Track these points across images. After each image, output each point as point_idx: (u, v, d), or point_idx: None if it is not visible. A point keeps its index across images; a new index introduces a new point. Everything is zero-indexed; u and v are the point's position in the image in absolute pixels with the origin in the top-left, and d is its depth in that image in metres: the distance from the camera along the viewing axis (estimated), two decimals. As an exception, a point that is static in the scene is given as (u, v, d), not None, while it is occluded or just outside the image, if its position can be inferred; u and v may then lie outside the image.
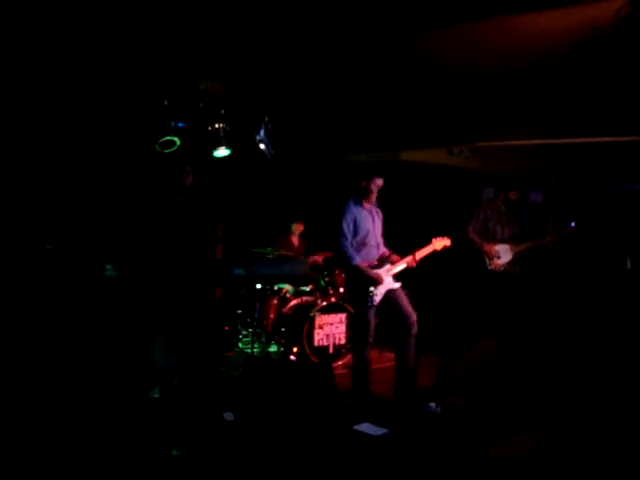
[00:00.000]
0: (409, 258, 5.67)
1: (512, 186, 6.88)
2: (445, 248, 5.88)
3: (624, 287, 7.18)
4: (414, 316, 5.64)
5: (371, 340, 5.68)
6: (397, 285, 5.73)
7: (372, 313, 5.62)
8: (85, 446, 4.10)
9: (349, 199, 5.77)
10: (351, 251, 5.61)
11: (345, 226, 5.62)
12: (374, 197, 5.76)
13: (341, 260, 5.82)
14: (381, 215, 5.96)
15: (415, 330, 5.61)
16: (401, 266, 5.75)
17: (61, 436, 4.20)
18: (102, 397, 4.84)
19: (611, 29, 4.05)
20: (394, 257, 5.79)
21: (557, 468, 4.22)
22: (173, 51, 5.40)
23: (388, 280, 5.67)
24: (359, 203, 5.76)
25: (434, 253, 5.84)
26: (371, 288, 5.50)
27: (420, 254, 5.73)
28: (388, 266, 5.72)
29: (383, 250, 5.90)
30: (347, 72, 5.95)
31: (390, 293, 5.68)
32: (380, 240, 5.89)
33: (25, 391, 4.77)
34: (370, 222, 5.77)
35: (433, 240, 5.86)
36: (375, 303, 5.56)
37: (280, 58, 5.58)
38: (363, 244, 5.71)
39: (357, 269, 5.58)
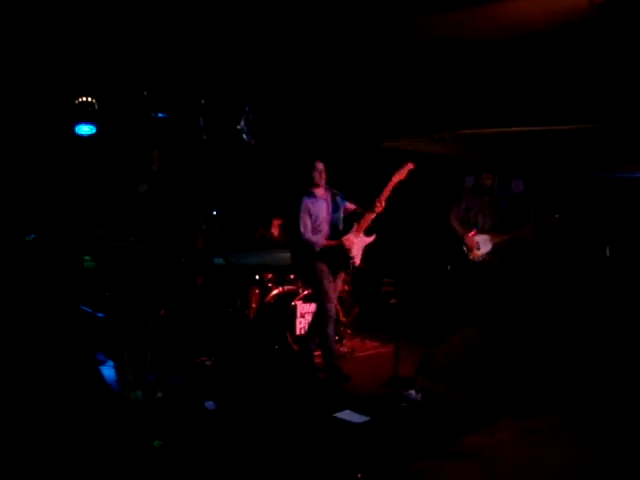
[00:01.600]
0: (374, 207, 5.81)
1: (485, 170, 6.90)
2: (410, 171, 5.89)
3: (603, 274, 7.24)
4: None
5: (332, 315, 5.85)
6: (371, 238, 5.95)
7: (331, 289, 5.85)
8: (66, 437, 4.09)
9: (302, 197, 5.92)
10: (311, 238, 5.84)
11: (302, 222, 5.85)
12: (321, 181, 5.94)
13: (306, 251, 5.91)
14: (331, 195, 6.04)
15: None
16: (369, 219, 5.88)
17: (40, 426, 4.19)
18: (81, 387, 4.83)
19: (586, 17, 4.06)
20: (358, 211, 5.98)
21: (537, 455, 4.28)
22: (153, 41, 5.36)
23: (359, 240, 5.88)
24: (311, 195, 5.95)
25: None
26: (349, 254, 5.79)
27: (383, 196, 5.82)
28: (355, 226, 5.89)
29: (349, 207, 6.07)
30: (327, 63, 5.94)
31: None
32: (330, 221, 6.02)
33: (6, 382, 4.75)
34: (323, 210, 5.95)
35: (394, 176, 5.85)
36: (357, 264, 5.88)
37: (259, 47, 5.56)
38: (316, 232, 5.91)
39: (325, 248, 5.82)
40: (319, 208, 5.93)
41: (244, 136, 6.63)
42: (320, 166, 5.93)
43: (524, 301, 7.05)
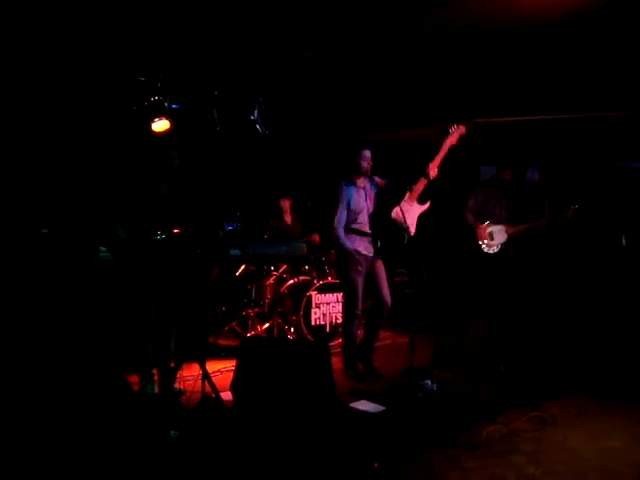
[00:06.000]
0: (427, 174, 5.57)
1: (506, 165, 6.82)
2: (462, 136, 5.64)
3: (619, 264, 7.19)
4: (389, 299, 5.79)
5: (359, 313, 5.78)
6: (426, 205, 5.76)
7: (361, 288, 5.71)
8: (81, 428, 4.13)
9: (341, 182, 5.74)
10: (343, 238, 5.67)
11: (339, 213, 5.67)
12: (367, 171, 5.70)
13: (334, 243, 5.85)
14: (376, 185, 5.79)
15: (387, 311, 5.83)
16: (422, 186, 5.62)
17: (52, 419, 4.23)
18: (96, 379, 4.86)
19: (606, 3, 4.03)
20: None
21: (553, 443, 4.28)
22: (168, 32, 5.37)
23: (413, 208, 5.69)
24: (351, 183, 5.73)
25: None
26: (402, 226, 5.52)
27: (436, 162, 5.58)
28: (407, 194, 5.69)
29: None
30: (342, 52, 5.92)
31: (374, 271, 5.78)
32: (369, 211, 5.80)
33: (22, 373, 4.79)
34: (363, 200, 5.73)
35: (445, 141, 5.60)
36: (412, 234, 5.60)
37: (275, 38, 5.55)
38: (355, 223, 5.72)
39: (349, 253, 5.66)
40: (359, 199, 5.70)
41: (258, 127, 6.62)
42: (367, 154, 5.66)
43: (539, 291, 7.04)
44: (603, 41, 4.99)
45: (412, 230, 5.60)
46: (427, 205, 5.74)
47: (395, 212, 5.60)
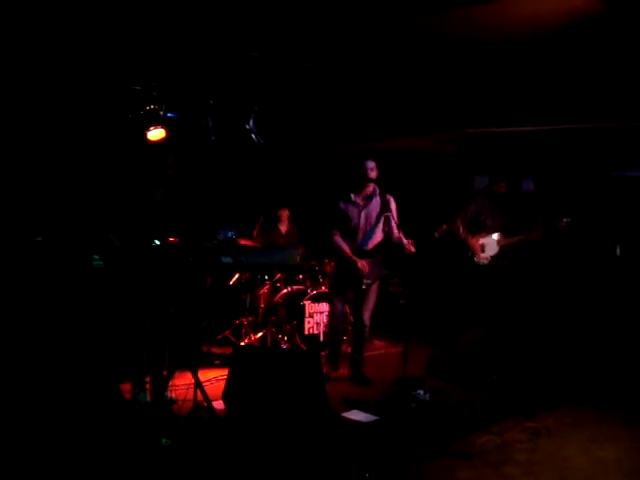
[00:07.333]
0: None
1: (501, 178, 6.80)
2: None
3: (614, 274, 7.20)
4: (367, 321, 5.95)
5: (337, 314, 6.02)
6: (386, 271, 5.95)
7: (341, 298, 5.97)
8: (73, 436, 4.10)
9: (339, 200, 5.92)
10: (339, 241, 5.86)
11: (334, 227, 5.90)
12: (369, 184, 5.82)
13: (334, 251, 6.03)
14: (379, 201, 5.87)
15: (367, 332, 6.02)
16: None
17: (48, 427, 4.20)
18: (89, 388, 4.83)
19: (597, 14, 4.04)
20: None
21: (547, 454, 4.26)
22: (163, 41, 5.37)
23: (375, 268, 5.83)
24: (348, 200, 5.88)
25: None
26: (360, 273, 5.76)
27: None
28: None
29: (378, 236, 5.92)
30: (335, 61, 5.93)
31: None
32: (375, 228, 5.89)
33: (14, 379, 4.76)
34: (356, 218, 5.85)
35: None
36: (363, 288, 5.82)
37: (270, 47, 5.56)
38: (350, 238, 5.86)
39: (348, 259, 5.77)
40: (354, 215, 5.85)
41: (253, 136, 6.62)
42: (370, 165, 5.78)
43: (534, 301, 7.03)
44: (597, 52, 5.01)
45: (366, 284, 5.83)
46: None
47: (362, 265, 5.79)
